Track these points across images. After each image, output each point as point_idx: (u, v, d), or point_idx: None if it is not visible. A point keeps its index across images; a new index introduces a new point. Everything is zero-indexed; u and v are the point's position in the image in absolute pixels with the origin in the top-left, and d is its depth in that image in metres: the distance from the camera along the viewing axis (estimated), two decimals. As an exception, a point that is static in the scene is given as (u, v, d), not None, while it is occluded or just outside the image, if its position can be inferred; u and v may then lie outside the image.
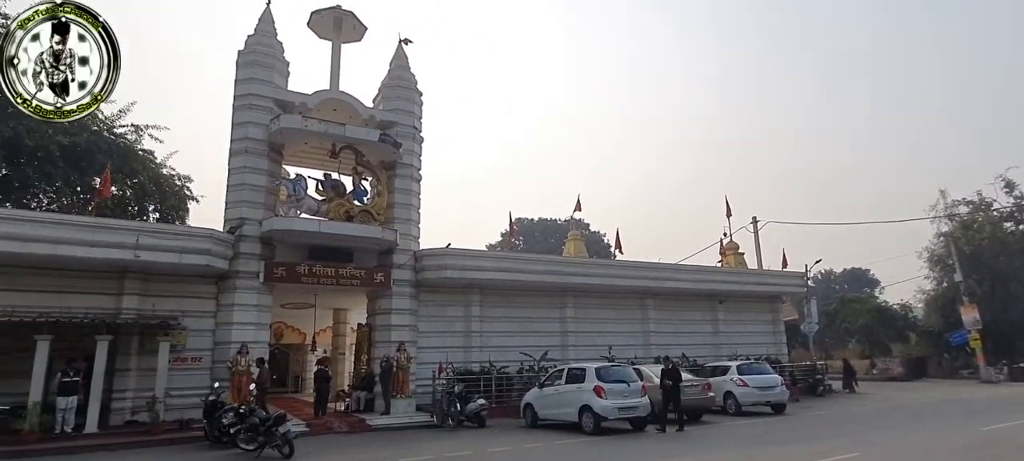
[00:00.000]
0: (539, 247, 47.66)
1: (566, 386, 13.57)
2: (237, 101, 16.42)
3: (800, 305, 30.95)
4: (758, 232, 29.58)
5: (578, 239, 26.06)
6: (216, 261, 14.41)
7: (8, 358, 12.17)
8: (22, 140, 16.28)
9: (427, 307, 17.84)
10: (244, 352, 13.70)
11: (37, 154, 16.99)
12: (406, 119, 18.24)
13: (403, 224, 17.42)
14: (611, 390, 12.63)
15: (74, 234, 12.85)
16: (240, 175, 15.87)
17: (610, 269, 21.51)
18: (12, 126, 16.22)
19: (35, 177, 17.79)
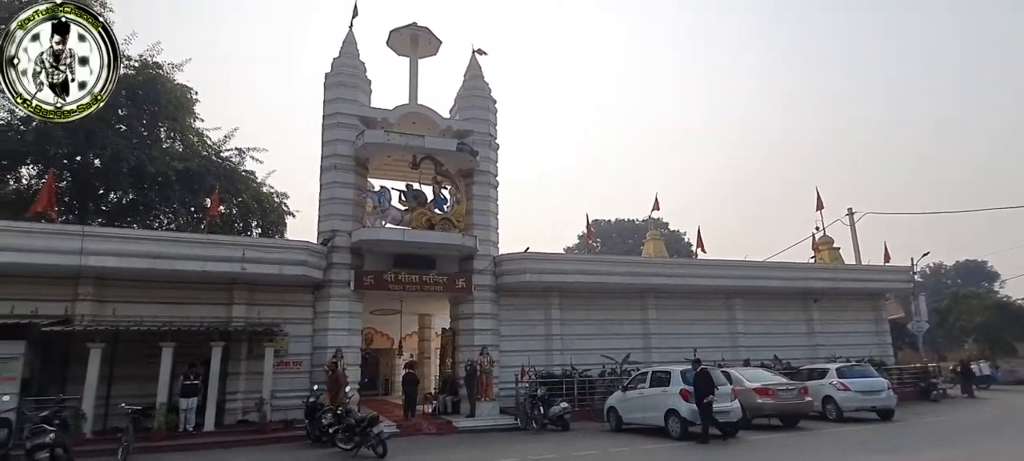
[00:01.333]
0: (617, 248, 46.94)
1: (651, 390, 13.22)
2: (326, 120, 17.36)
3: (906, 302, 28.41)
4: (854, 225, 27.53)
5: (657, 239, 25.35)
6: (312, 271, 15.29)
7: (139, 364, 13.51)
8: (145, 167, 18.07)
9: (508, 311, 17.99)
10: (339, 356, 14.45)
11: (157, 179, 18.79)
12: (482, 127, 18.54)
13: (482, 230, 17.69)
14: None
15: (190, 250, 14.14)
16: (330, 190, 16.76)
17: (693, 269, 20.76)
18: (137, 155, 18.04)
19: (156, 200, 19.69)
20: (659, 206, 23.56)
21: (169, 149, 20.24)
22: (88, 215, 19.31)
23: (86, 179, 19.24)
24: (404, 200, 17.11)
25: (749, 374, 14.75)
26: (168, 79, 20.28)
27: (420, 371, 20.75)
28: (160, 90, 19.75)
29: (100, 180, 19.25)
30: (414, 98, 18.45)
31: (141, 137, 19.52)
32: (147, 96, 19.66)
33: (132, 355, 13.59)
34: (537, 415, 14.27)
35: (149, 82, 19.66)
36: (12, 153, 18.14)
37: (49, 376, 13.15)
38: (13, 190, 18.99)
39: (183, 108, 20.78)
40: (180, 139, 21.21)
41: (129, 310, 13.95)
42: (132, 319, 13.57)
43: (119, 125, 19.40)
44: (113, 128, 18.88)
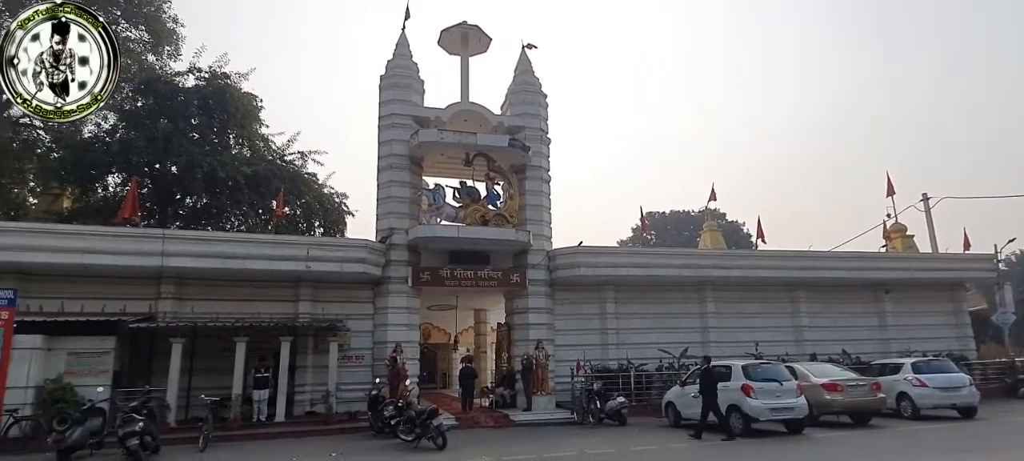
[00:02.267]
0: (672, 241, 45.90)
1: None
2: (382, 121, 17.82)
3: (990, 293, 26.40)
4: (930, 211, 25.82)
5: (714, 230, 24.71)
6: (371, 268, 15.76)
7: (215, 357, 14.35)
8: (217, 173, 19.14)
9: (562, 305, 17.96)
10: (399, 351, 14.85)
11: (228, 183, 19.85)
12: (533, 122, 18.54)
13: (535, 225, 17.72)
14: (761, 389, 11.75)
15: (259, 250, 14.89)
16: (387, 189, 17.20)
17: (752, 260, 20.04)
18: (209, 162, 19.12)
19: (228, 203, 20.81)
20: (716, 196, 22.88)
21: (238, 155, 21.32)
22: (167, 219, 20.64)
23: (164, 185, 20.54)
24: (458, 197, 17.35)
25: (815, 369, 14.11)
26: (235, 88, 21.34)
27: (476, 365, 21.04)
28: (228, 99, 20.81)
29: (177, 186, 20.51)
30: (466, 96, 18.66)
31: (213, 144, 20.66)
32: (217, 105, 20.78)
33: (209, 349, 14.44)
34: (593, 409, 14.20)
35: (218, 92, 20.75)
36: (100, 163, 19.59)
37: (136, 369, 14.16)
38: (101, 198, 20.52)
39: (250, 115, 21.82)
40: (247, 145, 22.29)
41: (206, 307, 14.83)
42: (209, 316, 14.44)
43: (193, 134, 20.60)
44: (188, 137, 20.07)
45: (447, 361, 26.39)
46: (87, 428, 10.68)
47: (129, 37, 22.88)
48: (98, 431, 10.94)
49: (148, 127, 19.48)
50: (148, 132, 19.23)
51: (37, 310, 13.54)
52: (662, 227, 49.73)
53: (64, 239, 13.78)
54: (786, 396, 11.80)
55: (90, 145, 20.08)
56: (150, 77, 20.76)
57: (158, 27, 22.52)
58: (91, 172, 19.97)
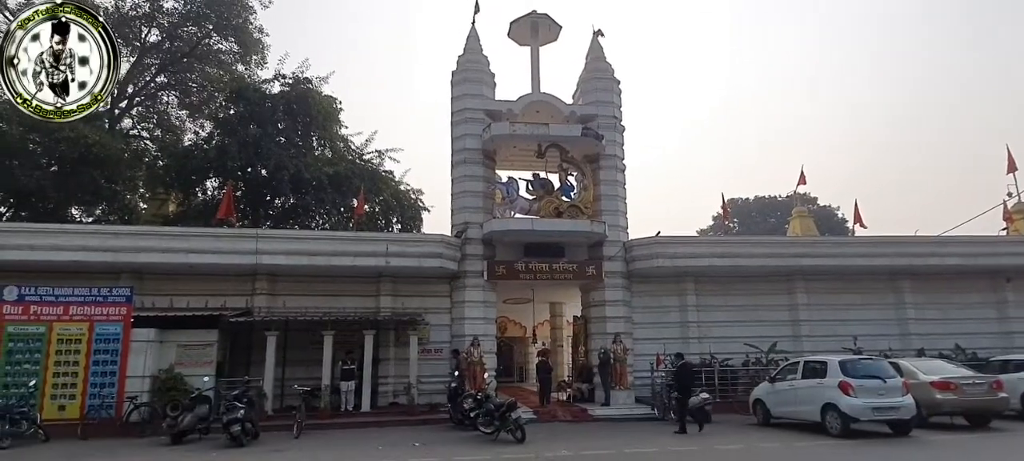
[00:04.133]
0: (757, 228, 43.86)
1: (803, 381, 12.24)
2: (454, 116, 18.18)
3: None
4: (1061, 188, 23.02)
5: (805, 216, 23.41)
6: (447, 263, 16.18)
7: (306, 349, 15.31)
8: (302, 174, 20.35)
9: (640, 298, 17.67)
10: (476, 344, 15.19)
11: (313, 184, 21.04)
12: (606, 110, 18.28)
13: (611, 215, 17.50)
14: (862, 387, 11.02)
15: (342, 247, 15.69)
16: (461, 183, 17.57)
17: (848, 247, 18.76)
18: (295, 164, 20.34)
19: (313, 203, 22.06)
20: (805, 179, 21.66)
21: (321, 156, 22.53)
22: (259, 220, 22.18)
23: (256, 188, 22.07)
24: (532, 189, 17.43)
25: (924, 366, 13.02)
26: (317, 92, 22.54)
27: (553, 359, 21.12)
28: (311, 103, 22.02)
29: (267, 188, 21.98)
30: (537, 86, 18.68)
31: (297, 147, 21.96)
32: (300, 109, 22.05)
33: (300, 342, 15.42)
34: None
35: (301, 97, 22.00)
36: (199, 169, 21.35)
37: (236, 360, 15.34)
38: (201, 201, 22.36)
39: (330, 117, 22.98)
40: (329, 146, 23.51)
41: (296, 302, 15.81)
42: (299, 310, 15.39)
43: (279, 138, 21.97)
44: (275, 141, 21.43)
45: (524, 355, 26.64)
46: (196, 414, 11.77)
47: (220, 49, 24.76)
48: (205, 417, 12.02)
49: (240, 133, 20.97)
50: (240, 138, 20.70)
51: (150, 306, 14.97)
52: (746, 214, 47.65)
53: (171, 240, 15.15)
54: (890, 394, 11.01)
55: (190, 153, 21.91)
56: (240, 86, 22.33)
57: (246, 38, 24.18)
58: (192, 177, 21.79)
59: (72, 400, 12.86)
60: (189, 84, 24.95)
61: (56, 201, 20.05)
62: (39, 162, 19.94)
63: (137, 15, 23.60)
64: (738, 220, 46.66)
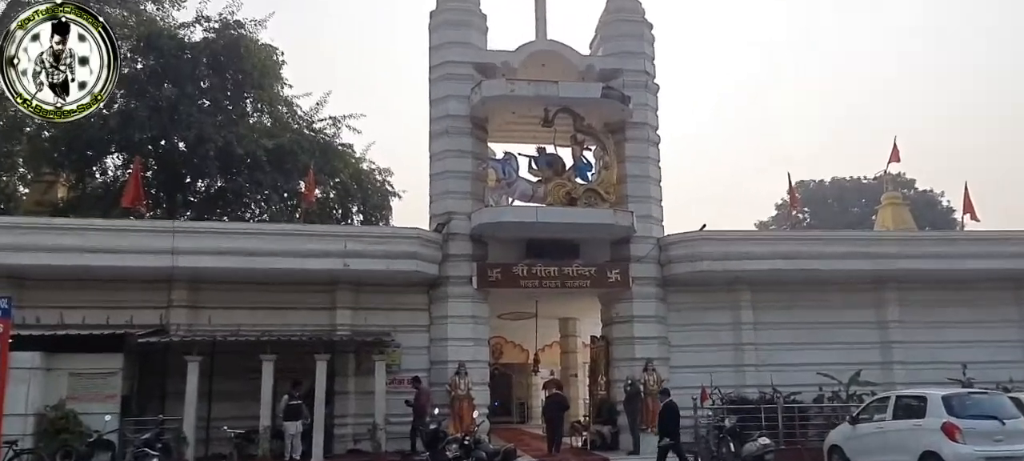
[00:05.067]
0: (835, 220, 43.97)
1: (894, 422, 12.31)
2: (433, 72, 18.18)
3: None
4: None
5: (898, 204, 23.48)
6: (425, 266, 16.21)
7: (239, 379, 15.31)
8: (233, 148, 20.32)
9: (680, 312, 17.77)
10: (462, 373, 15.25)
11: (246, 161, 21.05)
12: (634, 63, 18.34)
13: (640, 203, 17.55)
14: (972, 430, 11.06)
15: (286, 245, 15.71)
16: (442, 160, 17.59)
17: (957, 245, 18.91)
18: (223, 135, 20.33)
19: (246, 186, 22.06)
20: (899, 156, 21.56)
21: (256, 125, 22.49)
22: (177, 207, 22.17)
23: (172, 166, 22.05)
24: (535, 169, 17.48)
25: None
26: (251, 40, 22.49)
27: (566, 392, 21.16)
28: (243, 55, 21.97)
29: (187, 166, 21.95)
30: (542, 33, 18.70)
31: (226, 113, 21.92)
32: (230, 63, 21.99)
33: (231, 369, 15.41)
34: (726, 454, 13.97)
35: (231, 46, 21.95)
36: (97, 142, 21.28)
37: (148, 393, 15.35)
38: (100, 184, 22.34)
39: (269, 74, 22.94)
40: (268, 111, 23.47)
41: (225, 318, 15.85)
42: (230, 328, 15.43)
43: (203, 101, 21.94)
44: (197, 105, 21.40)
45: (526, 387, 26.73)
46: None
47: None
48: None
49: (151, 95, 20.91)
50: (151, 101, 20.65)
51: (33, 322, 14.89)
52: (820, 201, 47.85)
53: (60, 236, 15.13)
54: (1012, 440, 11.05)
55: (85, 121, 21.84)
56: (150, 32, 22.18)
57: (158, -29, 24.05)
58: (87, 153, 21.74)
59: (-73, 446, 12.86)
60: (84, 30, 24.87)
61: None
62: None
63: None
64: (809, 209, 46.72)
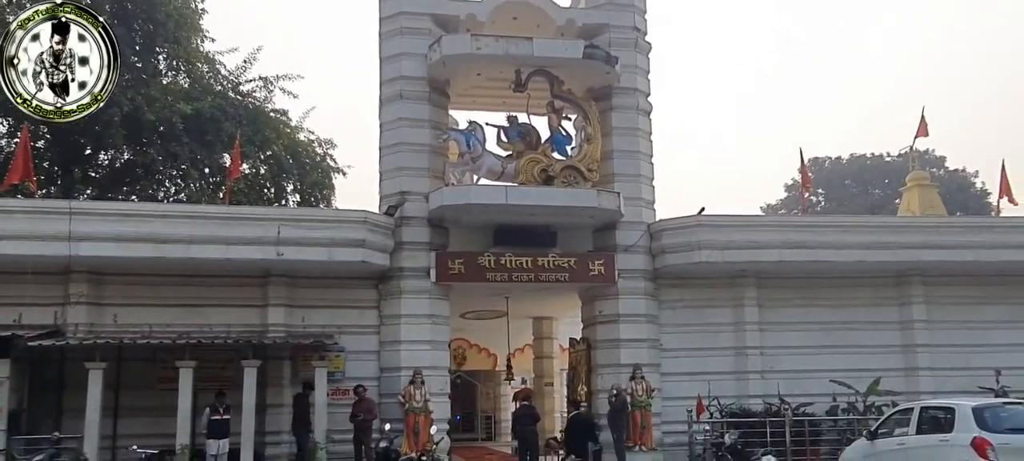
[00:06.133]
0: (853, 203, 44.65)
1: (918, 438, 12.56)
2: (384, 25, 18.06)
3: None
4: None
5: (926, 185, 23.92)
6: (374, 255, 16.15)
7: (150, 391, 15.18)
8: (143, 114, 19.99)
9: (673, 310, 17.98)
10: (419, 382, 15.23)
11: (159, 129, 20.73)
12: (622, 18, 18.42)
13: (628, 182, 17.69)
14: (1007, 447, 11.35)
15: (207, 230, 15.50)
16: (395, 130, 17.49)
17: (992, 233, 19.22)
18: (131, 98, 19.96)
19: (159, 159, 21.73)
20: (927, 130, 21.98)
21: (171, 85, 22.16)
22: (74, 185, 21.73)
23: (69, 135, 21.59)
24: (505, 141, 17.51)
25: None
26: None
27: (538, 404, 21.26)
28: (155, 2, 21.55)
29: (87, 135, 21.54)
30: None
31: (135, 71, 21.54)
32: (138, 11, 21.58)
33: (142, 378, 15.32)
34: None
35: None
36: (-23, 105, 20.82)
37: (40, 407, 15.13)
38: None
39: (187, 25, 22.63)
40: (185, 70, 23.13)
41: (134, 317, 15.62)
42: (140, 329, 15.18)
43: (105, 57, 21.50)
44: (99, 61, 20.98)
45: (493, 397, 26.82)
46: (-26, 494, 11.57)
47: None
48: (-10, 497, 11.83)
49: (41, 48, 20.48)
50: (41, 56, 20.22)
51: (-101, 322, 14.62)
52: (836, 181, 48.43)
53: (-69, 218, 14.76)
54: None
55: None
56: (42, -30, 21.77)
57: None
58: (-35, 119, 21.27)
59: None
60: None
61: None
62: None
63: None
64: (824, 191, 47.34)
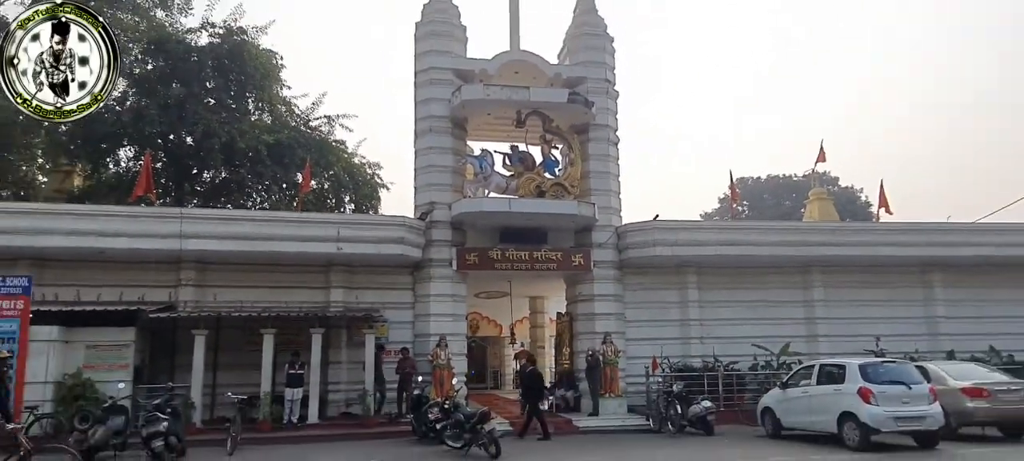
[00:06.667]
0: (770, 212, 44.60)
1: (818, 388, 12.57)
2: (418, 77, 18.04)
3: None
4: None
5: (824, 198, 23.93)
6: (410, 250, 16.15)
7: (241, 351, 15.16)
8: (236, 143, 19.98)
9: (635, 292, 17.91)
10: (443, 345, 15.24)
11: (248, 154, 20.71)
12: (596, 72, 18.37)
13: (601, 195, 17.64)
14: (884, 394, 11.34)
15: (285, 230, 15.53)
16: (426, 156, 17.49)
17: (873, 234, 19.17)
18: (227, 131, 19.97)
19: (248, 177, 21.74)
20: (825, 157, 21.96)
21: (258, 122, 22.13)
22: (185, 196, 21.74)
23: (180, 158, 21.63)
24: (509, 164, 17.49)
25: (954, 370, 13.46)
26: (253, 45, 22.08)
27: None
28: (246, 58, 21.57)
29: (194, 159, 21.55)
30: (516, 43, 18.64)
31: (230, 111, 21.53)
32: (233, 65, 21.59)
33: (235, 342, 15.28)
34: (673, 415, 14.16)
35: (235, 50, 21.53)
36: (110, 135, 20.81)
37: (158, 364, 15.17)
38: (113, 174, 21.83)
39: (270, 76, 22.57)
40: (268, 110, 23.11)
41: (230, 296, 15.66)
42: (233, 305, 15.23)
43: (208, 99, 21.53)
44: (203, 103, 21.00)
45: (499, 357, 26.81)
46: (110, 427, 11.51)
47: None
48: (121, 431, 11.77)
49: (160, 93, 20.48)
50: (161, 99, 20.22)
51: (53, 299, 14.62)
52: (757, 196, 48.42)
53: (77, 221, 14.78)
54: (916, 402, 11.35)
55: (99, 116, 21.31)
56: (160, 36, 21.69)
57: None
58: (102, 146, 21.24)
59: (-45, 411, 12.53)
60: (97, 33, 24.25)
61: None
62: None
63: (32, -52, 22.82)
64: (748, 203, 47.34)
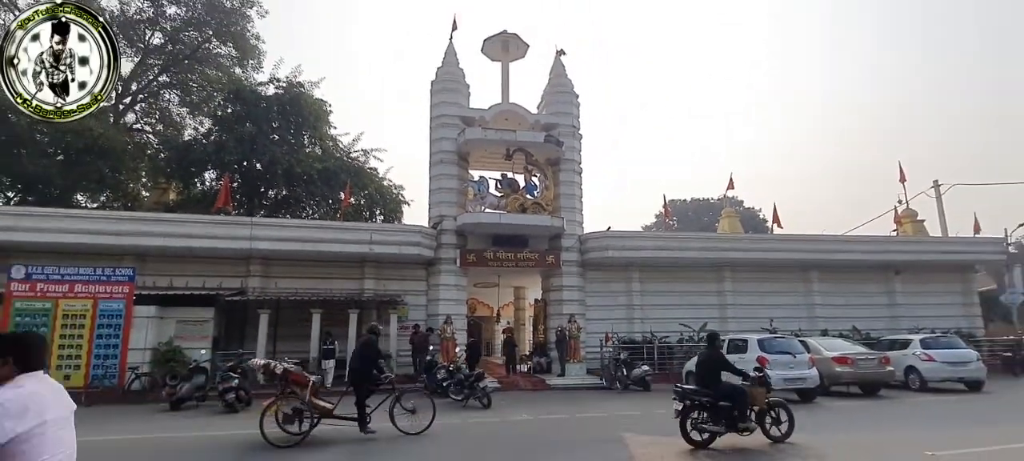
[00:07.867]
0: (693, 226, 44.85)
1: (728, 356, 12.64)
2: (433, 121, 18.04)
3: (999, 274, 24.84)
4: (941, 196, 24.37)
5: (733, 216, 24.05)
6: (425, 251, 16.09)
7: (295, 326, 15.03)
8: (294, 169, 19.84)
9: (592, 284, 17.94)
10: (449, 322, 15.19)
11: (304, 178, 20.55)
12: (566, 120, 18.44)
13: (568, 212, 17.69)
14: (776, 361, 11.51)
15: (330, 235, 15.44)
16: (438, 181, 17.47)
17: (768, 243, 19.45)
18: (288, 160, 19.81)
19: (303, 195, 21.55)
20: (734, 185, 22.24)
21: (311, 153, 22.01)
22: (254, 209, 21.51)
23: (251, 180, 21.41)
24: (500, 188, 17.49)
25: (827, 344, 13.66)
26: (308, 95, 21.98)
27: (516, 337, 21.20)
28: (303, 105, 21.46)
29: (262, 181, 21.35)
30: (506, 97, 18.68)
31: (290, 145, 21.38)
32: (293, 110, 21.46)
33: (290, 319, 15.13)
34: (621, 376, 14.19)
35: (294, 99, 21.42)
36: (199, 162, 20.58)
37: (231, 335, 14.98)
38: (200, 191, 21.57)
39: (321, 119, 22.46)
40: (319, 144, 22.98)
41: (287, 284, 15.51)
42: (289, 291, 15.09)
43: (273, 136, 21.36)
44: (269, 139, 20.83)
45: (490, 332, 26.73)
46: (193, 384, 11.41)
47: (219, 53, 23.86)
48: (202, 386, 11.66)
49: (237, 131, 20.30)
50: (237, 135, 20.05)
51: (151, 286, 14.43)
52: (683, 214, 48.67)
53: (171, 226, 14.62)
54: (799, 367, 11.54)
55: (190, 147, 21.11)
56: (238, 87, 21.60)
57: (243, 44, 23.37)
58: (191, 169, 21.00)
59: (77, 370, 12.32)
60: (189, 84, 24.00)
61: (62, 188, 19.07)
62: (46, 151, 18.92)
63: (141, 19, 22.59)
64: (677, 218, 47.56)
